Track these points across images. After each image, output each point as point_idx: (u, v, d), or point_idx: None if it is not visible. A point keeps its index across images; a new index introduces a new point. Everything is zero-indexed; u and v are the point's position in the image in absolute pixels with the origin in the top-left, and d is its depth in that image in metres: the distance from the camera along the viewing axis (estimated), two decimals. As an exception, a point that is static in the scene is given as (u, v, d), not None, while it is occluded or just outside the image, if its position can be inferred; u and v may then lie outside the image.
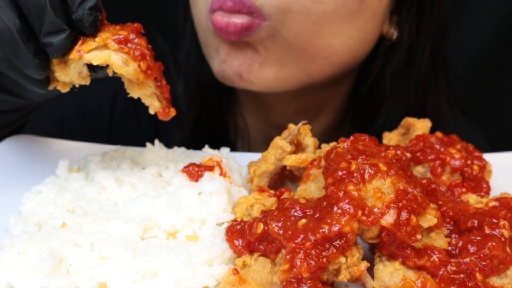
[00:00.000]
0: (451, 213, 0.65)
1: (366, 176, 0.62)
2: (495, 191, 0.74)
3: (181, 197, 0.72)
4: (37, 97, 0.76)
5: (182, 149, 0.87)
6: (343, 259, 0.59)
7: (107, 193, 0.75)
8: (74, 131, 1.23)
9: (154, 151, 0.84)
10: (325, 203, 0.62)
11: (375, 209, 0.60)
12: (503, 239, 0.62)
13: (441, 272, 0.59)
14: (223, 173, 0.78)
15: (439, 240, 0.61)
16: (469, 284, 0.59)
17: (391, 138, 0.84)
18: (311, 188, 0.68)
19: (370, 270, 0.61)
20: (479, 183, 0.75)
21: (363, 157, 0.63)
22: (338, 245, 0.59)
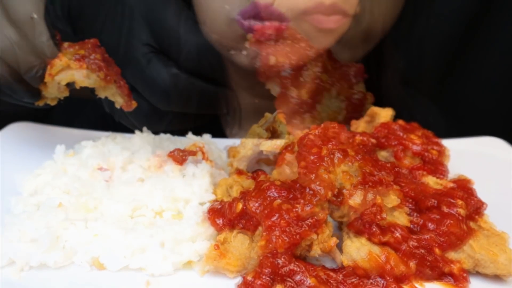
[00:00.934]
0: (412, 194, 0.70)
1: (336, 160, 0.67)
2: (453, 173, 0.78)
3: (167, 179, 0.77)
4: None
5: (168, 135, 0.93)
6: (314, 236, 0.65)
7: (100, 176, 0.80)
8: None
9: (142, 137, 0.89)
10: (298, 185, 0.67)
11: (343, 190, 0.66)
12: (459, 217, 0.66)
13: (403, 248, 0.65)
14: (205, 158, 0.84)
15: (402, 219, 0.67)
16: (429, 258, 0.64)
17: (358, 125, 0.88)
18: (285, 171, 0.73)
19: (339, 246, 0.67)
20: (438, 166, 0.78)
21: (333, 143, 0.68)
22: (310, 223, 0.65)
